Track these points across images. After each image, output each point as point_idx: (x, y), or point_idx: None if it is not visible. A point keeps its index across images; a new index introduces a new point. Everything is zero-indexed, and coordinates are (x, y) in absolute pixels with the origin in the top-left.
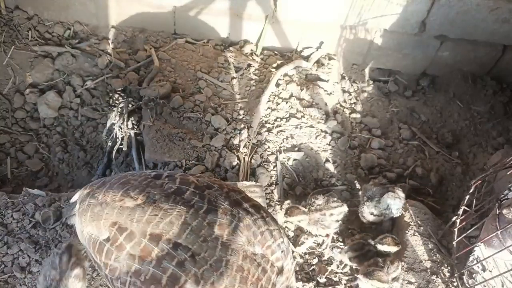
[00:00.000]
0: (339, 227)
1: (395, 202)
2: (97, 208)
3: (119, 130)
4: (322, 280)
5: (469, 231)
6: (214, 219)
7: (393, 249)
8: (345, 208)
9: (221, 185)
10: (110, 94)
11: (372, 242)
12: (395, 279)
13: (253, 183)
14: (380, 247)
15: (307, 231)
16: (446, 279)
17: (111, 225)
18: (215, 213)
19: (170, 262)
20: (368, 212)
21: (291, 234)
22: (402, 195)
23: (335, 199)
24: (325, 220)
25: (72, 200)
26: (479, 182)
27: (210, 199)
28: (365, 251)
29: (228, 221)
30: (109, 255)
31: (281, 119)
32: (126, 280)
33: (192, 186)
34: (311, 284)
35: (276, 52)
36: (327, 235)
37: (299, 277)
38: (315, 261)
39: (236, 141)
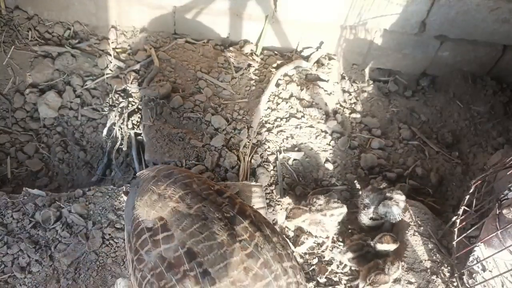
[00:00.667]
0: (339, 228)
1: (393, 210)
2: (155, 197)
3: (119, 130)
4: (322, 280)
5: (469, 231)
6: (253, 267)
7: (392, 246)
8: (344, 209)
9: (274, 231)
10: (110, 94)
11: (372, 243)
12: (396, 280)
13: (253, 183)
14: (380, 246)
15: (307, 231)
16: (446, 279)
17: (159, 218)
18: (256, 262)
19: (193, 286)
20: (367, 220)
21: (291, 234)
22: (401, 198)
23: (335, 199)
24: (325, 222)
25: (138, 174)
26: (479, 182)
27: (257, 244)
28: (364, 252)
29: (263, 274)
30: (144, 244)
31: (281, 119)
32: (146, 276)
33: (248, 221)
34: (311, 284)
35: (276, 52)
36: (327, 237)
37: None
38: (315, 261)
39: (236, 141)
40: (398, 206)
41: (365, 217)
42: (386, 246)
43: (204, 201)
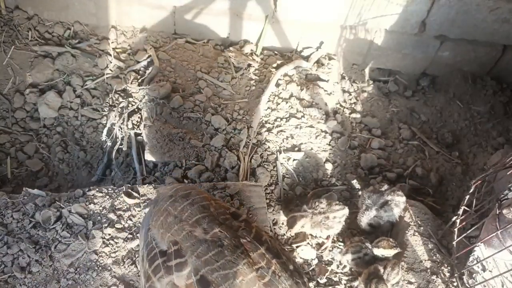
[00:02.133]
0: (342, 228)
1: (394, 212)
2: (170, 219)
3: (119, 130)
4: (322, 280)
5: (469, 231)
6: None
7: (389, 252)
8: (346, 211)
9: (289, 258)
10: (110, 94)
11: (369, 246)
12: (395, 284)
13: (253, 183)
14: (376, 251)
15: (310, 235)
16: (446, 279)
17: (173, 243)
18: None
19: None
20: (367, 222)
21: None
22: (402, 199)
23: (337, 202)
24: (328, 223)
25: (156, 190)
26: (479, 182)
27: (275, 272)
28: (363, 254)
29: None
30: (157, 270)
31: (281, 119)
32: None
33: (264, 247)
34: (311, 284)
35: (276, 52)
36: (327, 238)
37: None
38: (315, 261)
39: (236, 141)
40: (398, 207)
41: (365, 220)
42: (383, 251)
43: (221, 226)
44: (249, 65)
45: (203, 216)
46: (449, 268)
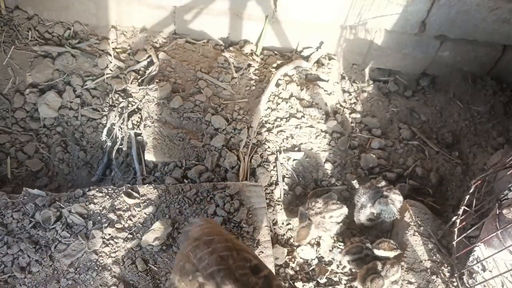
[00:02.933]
0: (340, 229)
1: (387, 208)
2: (188, 266)
3: (119, 130)
4: (322, 280)
5: (469, 231)
6: None
7: (389, 254)
8: (344, 210)
9: None
10: (110, 94)
11: (370, 246)
12: (394, 282)
13: (253, 183)
14: (377, 252)
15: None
16: (446, 279)
17: None
18: None
19: None
20: (363, 218)
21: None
22: (398, 198)
23: (334, 201)
24: (325, 222)
25: (190, 220)
26: (479, 182)
27: None
28: (364, 255)
29: None
30: None
31: (281, 119)
32: None
33: None
34: (311, 284)
35: (276, 52)
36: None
37: (299, 277)
38: (315, 261)
39: (236, 141)
40: (393, 205)
41: (363, 216)
42: (383, 252)
43: (236, 283)
44: (249, 65)
45: (218, 269)
46: (449, 268)
